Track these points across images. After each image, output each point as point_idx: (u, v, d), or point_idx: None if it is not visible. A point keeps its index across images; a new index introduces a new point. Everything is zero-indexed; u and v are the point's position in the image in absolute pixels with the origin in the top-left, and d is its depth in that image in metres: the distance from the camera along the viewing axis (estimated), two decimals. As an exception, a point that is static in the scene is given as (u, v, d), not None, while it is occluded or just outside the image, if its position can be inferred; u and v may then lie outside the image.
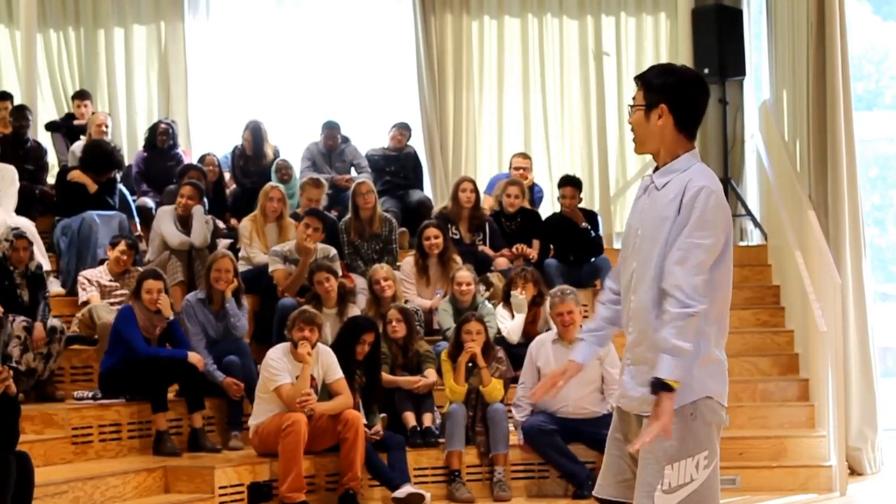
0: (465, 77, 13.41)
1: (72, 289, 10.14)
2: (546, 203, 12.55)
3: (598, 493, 4.38)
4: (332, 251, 10.18)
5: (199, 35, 13.99)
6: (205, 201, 10.87)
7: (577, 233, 10.99)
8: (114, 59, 14.01)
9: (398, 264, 10.59)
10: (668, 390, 3.95)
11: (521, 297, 9.78)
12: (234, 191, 12.36)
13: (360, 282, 10.28)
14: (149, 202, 11.69)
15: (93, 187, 10.76)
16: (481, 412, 8.97)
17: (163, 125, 12.38)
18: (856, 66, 11.94)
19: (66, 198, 10.81)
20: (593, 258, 10.93)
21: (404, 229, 11.60)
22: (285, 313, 9.01)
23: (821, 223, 9.92)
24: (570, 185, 11.18)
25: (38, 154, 11.74)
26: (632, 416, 4.22)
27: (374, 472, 8.60)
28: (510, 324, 9.82)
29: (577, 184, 11.25)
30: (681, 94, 4.16)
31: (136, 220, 11.37)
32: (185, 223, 10.46)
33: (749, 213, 12.42)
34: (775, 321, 10.95)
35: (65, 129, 12.95)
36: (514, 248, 10.95)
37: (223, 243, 10.87)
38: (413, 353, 9.28)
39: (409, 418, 9.01)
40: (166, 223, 10.41)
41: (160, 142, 12.26)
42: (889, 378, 11.83)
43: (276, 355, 8.50)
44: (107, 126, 12.25)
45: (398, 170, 12.50)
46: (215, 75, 14.12)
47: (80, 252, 10.39)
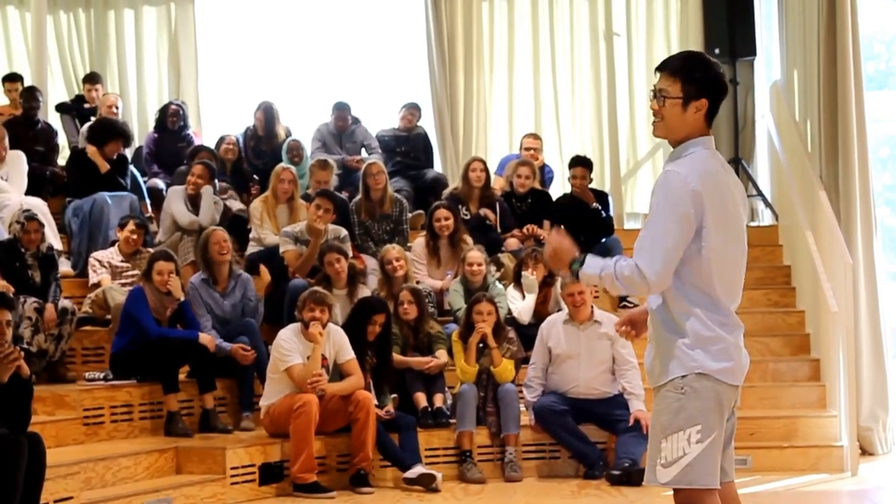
0: (475, 57, 13.36)
1: (83, 270, 10.16)
2: (556, 184, 12.53)
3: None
4: (343, 232, 10.17)
5: (209, 16, 14.01)
6: (215, 182, 10.88)
7: (587, 213, 10.97)
8: (124, 41, 14.03)
9: (409, 245, 10.59)
10: (573, 265, 4.24)
11: (531, 277, 9.77)
12: (246, 171, 12.35)
13: (371, 262, 10.27)
14: (160, 183, 11.70)
15: (104, 167, 10.77)
16: (492, 393, 8.97)
17: (173, 106, 12.39)
18: (866, 46, 11.88)
19: (78, 179, 10.83)
20: (604, 238, 10.89)
21: (421, 211, 11.51)
22: (296, 294, 9.00)
23: (832, 203, 9.89)
24: (581, 165, 11.16)
25: (48, 136, 11.75)
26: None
27: (385, 453, 8.61)
28: (521, 304, 9.81)
29: (587, 164, 11.22)
30: (719, 89, 4.23)
31: (147, 201, 11.38)
32: (195, 203, 10.48)
33: (760, 193, 12.40)
34: (786, 301, 10.93)
35: (75, 111, 12.97)
36: (524, 229, 10.94)
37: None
38: (424, 334, 9.27)
39: (420, 399, 9.01)
40: (176, 203, 10.44)
41: (171, 123, 12.27)
42: (900, 358, 11.79)
43: (287, 336, 8.51)
44: (117, 107, 12.29)
45: (409, 150, 12.48)
46: (225, 56, 14.14)
47: (92, 233, 10.42)
